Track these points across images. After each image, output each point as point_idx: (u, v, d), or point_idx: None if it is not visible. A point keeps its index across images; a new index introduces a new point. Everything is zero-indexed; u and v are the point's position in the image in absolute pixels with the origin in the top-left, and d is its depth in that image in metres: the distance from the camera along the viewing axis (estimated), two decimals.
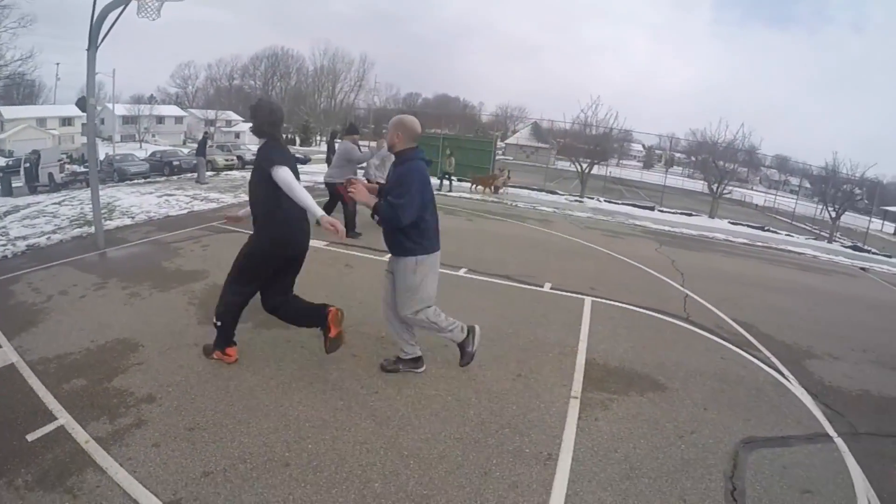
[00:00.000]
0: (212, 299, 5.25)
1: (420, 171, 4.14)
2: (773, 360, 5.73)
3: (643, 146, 69.70)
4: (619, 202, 23.13)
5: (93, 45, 8.14)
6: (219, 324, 4.48)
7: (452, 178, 20.89)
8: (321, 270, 7.30)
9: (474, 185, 20.81)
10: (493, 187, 20.68)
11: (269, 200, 4.14)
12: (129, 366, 4.53)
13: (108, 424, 3.68)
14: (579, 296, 7.16)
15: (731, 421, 4.29)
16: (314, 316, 4.47)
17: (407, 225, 4.05)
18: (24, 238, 9.60)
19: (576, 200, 21.65)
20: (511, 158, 56.79)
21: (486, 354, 5.01)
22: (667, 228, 15.78)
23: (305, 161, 34.96)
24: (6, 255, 8.39)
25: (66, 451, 3.39)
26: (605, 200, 22.73)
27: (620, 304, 6.97)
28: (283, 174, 3.97)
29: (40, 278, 7.01)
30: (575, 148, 27.39)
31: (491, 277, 7.75)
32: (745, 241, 15.43)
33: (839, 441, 4.18)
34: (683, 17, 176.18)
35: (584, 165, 26.25)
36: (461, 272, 7.89)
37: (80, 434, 3.56)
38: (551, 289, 7.44)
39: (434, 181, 18.65)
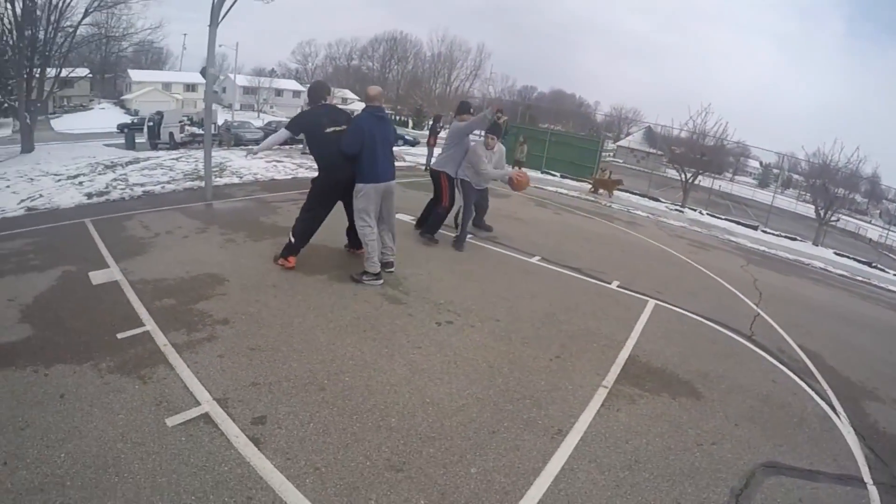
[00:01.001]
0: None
1: (361, 126, 5.86)
2: (829, 393, 5.44)
3: (760, 163, 66.24)
4: (722, 217, 22.27)
5: (214, 22, 9.13)
6: (293, 240, 6.13)
7: (524, 168, 20.09)
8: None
9: (596, 189, 20.49)
10: (611, 192, 20.51)
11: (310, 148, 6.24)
12: (213, 294, 5.38)
13: (185, 335, 4.48)
14: (644, 297, 7.28)
15: (760, 442, 4.20)
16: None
17: (350, 156, 5.83)
18: (142, 185, 10.84)
19: (676, 209, 21.19)
20: (621, 161, 55.83)
21: (533, 334, 5.41)
22: (762, 248, 15.15)
23: (414, 143, 36.05)
24: (124, 197, 9.69)
25: (146, 349, 4.22)
26: (706, 213, 21.98)
27: (683, 311, 7.01)
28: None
29: (151, 219, 8.12)
30: (685, 157, 26.64)
31: (562, 268, 8.02)
32: (845, 273, 14.58)
33: (873, 489, 3.91)
34: (812, 28, 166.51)
35: (689, 175, 25.63)
36: (534, 259, 8.23)
37: (160, 338, 4.39)
38: (618, 287, 7.59)
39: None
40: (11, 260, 6.10)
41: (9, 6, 24.02)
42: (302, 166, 15.00)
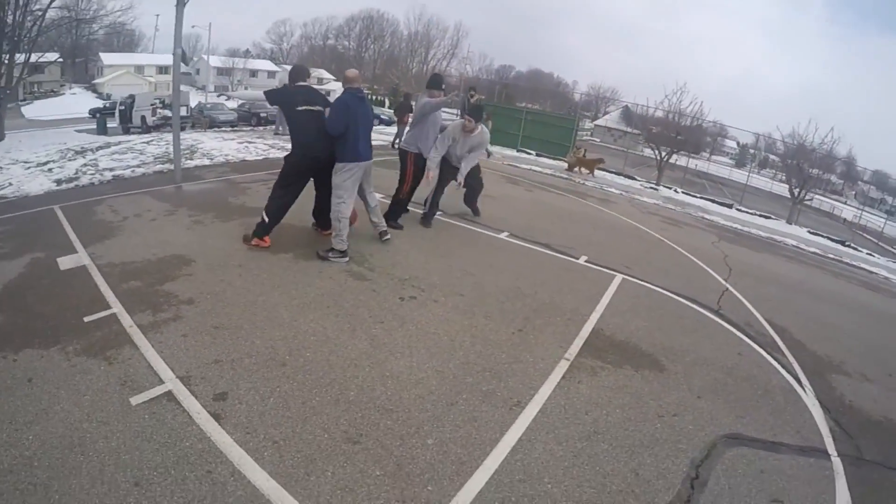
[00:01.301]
0: None
1: (344, 103, 5.99)
2: (795, 367, 5.45)
3: (738, 143, 66.61)
4: (697, 196, 22.44)
5: (181, 2, 9.06)
6: (266, 219, 6.21)
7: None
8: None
9: (578, 168, 20.50)
10: (592, 171, 20.59)
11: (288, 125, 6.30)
12: (179, 275, 5.45)
13: (150, 316, 4.56)
14: (611, 272, 7.36)
15: (722, 414, 4.24)
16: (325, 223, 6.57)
17: (335, 136, 5.96)
18: (112, 170, 10.82)
19: (650, 187, 21.36)
20: (598, 140, 55.97)
21: (497, 308, 5.52)
22: (736, 226, 15.24)
23: (390, 123, 35.92)
24: (93, 182, 9.70)
25: (112, 331, 4.31)
26: (682, 192, 22.14)
27: (651, 286, 7.09)
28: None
29: (120, 203, 8.13)
30: (661, 136, 26.78)
31: (530, 244, 8.11)
32: (818, 251, 14.66)
33: (836, 461, 3.94)
34: (796, 14, 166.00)
35: (664, 154, 25.81)
36: (502, 235, 8.32)
37: (126, 320, 4.46)
38: (586, 262, 7.67)
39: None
40: None
41: None
42: (273, 147, 14.96)
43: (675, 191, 22.06)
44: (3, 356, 3.92)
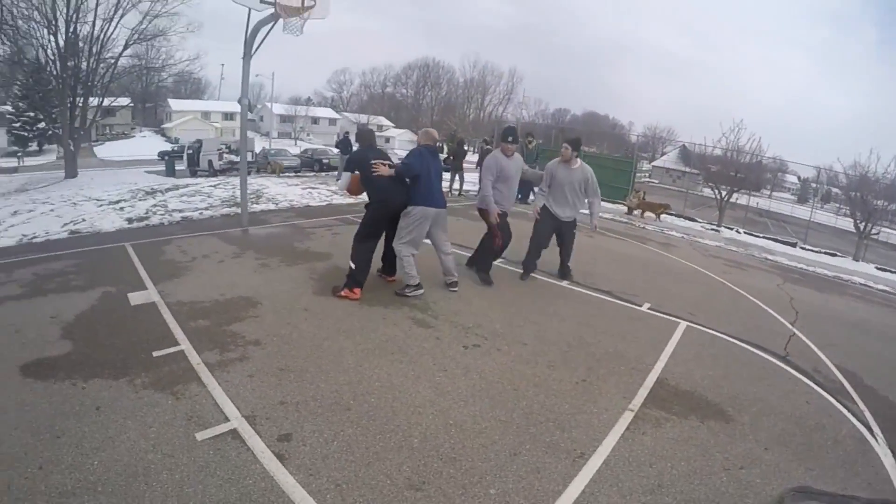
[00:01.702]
0: (330, 278, 7.10)
1: (420, 152, 6.61)
2: (866, 414, 5.21)
3: (798, 178, 64.60)
4: (760, 235, 21.74)
5: (247, 55, 9.66)
6: (353, 266, 6.43)
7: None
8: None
9: (641, 212, 20.37)
10: (658, 216, 20.41)
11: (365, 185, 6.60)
12: (246, 317, 5.69)
13: (218, 355, 4.75)
14: (675, 319, 7.25)
15: (791, 466, 4.09)
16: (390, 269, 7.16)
17: (409, 179, 6.50)
18: (181, 211, 11.37)
19: (712, 229, 20.92)
20: (657, 181, 55.41)
21: (560, 358, 5.50)
22: (800, 266, 14.77)
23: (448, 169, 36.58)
24: (163, 223, 10.23)
25: (180, 367, 4.52)
26: (744, 232, 21.51)
27: (716, 333, 6.94)
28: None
29: (189, 243, 8.58)
30: (720, 174, 26.26)
31: (592, 291, 8.07)
32: (887, 288, 14.05)
33: None
34: (844, 38, 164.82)
35: (724, 193, 25.33)
36: (564, 283, 8.31)
37: (194, 357, 4.67)
38: (649, 309, 7.59)
39: None
40: (55, 280, 6.56)
41: (52, 38, 25.45)
42: (336, 193, 15.39)
43: (737, 231, 21.49)
44: (73, 383, 4.17)
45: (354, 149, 7.11)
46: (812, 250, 19.65)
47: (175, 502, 3.01)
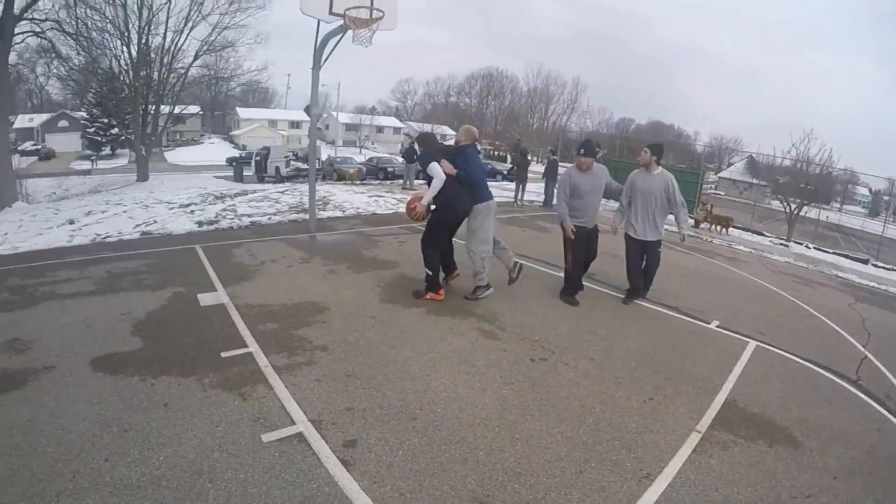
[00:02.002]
0: (397, 286, 7.22)
1: (471, 154, 6.96)
2: None
3: (870, 190, 61.68)
4: (830, 251, 20.88)
5: (316, 65, 9.92)
6: (430, 273, 6.75)
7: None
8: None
9: (710, 225, 20.07)
10: (727, 229, 19.95)
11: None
12: (314, 322, 5.81)
13: (285, 359, 4.85)
14: (743, 338, 7.04)
15: (859, 497, 3.96)
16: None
17: (475, 183, 6.80)
18: (249, 216, 11.70)
19: (780, 244, 20.22)
20: (723, 193, 53.99)
21: (627, 374, 5.41)
22: (872, 284, 14.15)
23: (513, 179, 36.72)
24: (232, 227, 10.56)
25: (248, 369, 4.63)
26: (813, 247, 20.76)
27: (785, 354, 6.72)
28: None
29: (257, 248, 8.84)
30: (789, 186, 25.37)
31: (659, 307, 7.93)
32: None
33: None
34: None
35: (794, 206, 24.44)
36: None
37: (261, 360, 4.78)
38: (717, 326, 7.40)
39: None
40: (127, 278, 6.85)
41: (125, 49, 26.87)
42: (402, 201, 15.55)
43: (807, 246, 20.72)
44: (142, 379, 4.35)
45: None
46: (885, 268, 18.80)
47: (239, 502, 3.07)
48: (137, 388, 4.21)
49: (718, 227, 19.71)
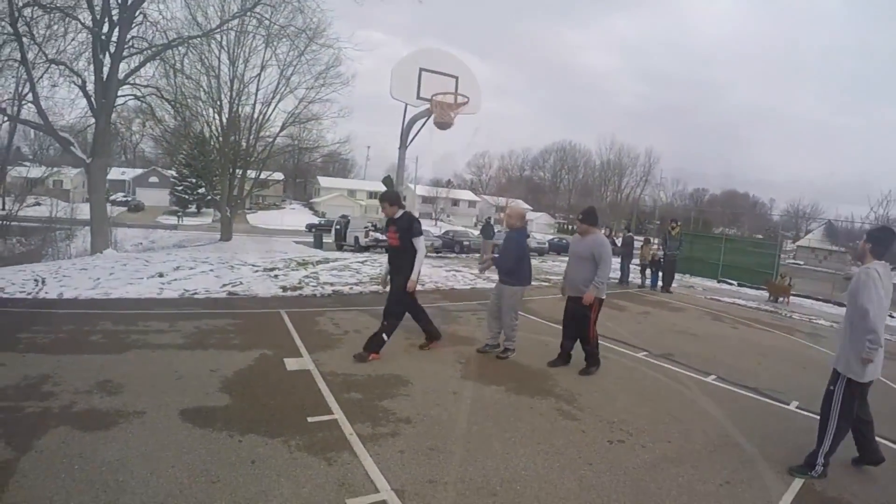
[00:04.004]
0: (477, 362, 7.46)
1: (518, 238, 7.80)
2: None
3: None
4: None
5: (403, 145, 10.52)
6: (387, 338, 7.23)
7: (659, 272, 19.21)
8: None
9: (776, 297, 19.44)
10: (787, 297, 19.37)
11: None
12: (397, 394, 6.04)
13: (370, 428, 5.06)
14: None
15: None
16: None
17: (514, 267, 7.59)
18: (332, 284, 12.21)
19: None
20: (802, 263, 52.08)
21: (704, 458, 5.36)
22: None
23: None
24: (315, 294, 11.06)
25: (333, 435, 4.85)
26: None
27: None
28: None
29: (340, 317, 9.27)
30: None
31: (737, 388, 7.82)
32: None
33: None
34: None
35: None
36: (709, 378, 8.07)
37: (347, 428, 5.00)
38: (797, 408, 7.24)
39: None
40: (215, 336, 7.31)
41: (216, 116, 29.33)
42: (479, 277, 15.82)
43: (891, 315, 19.44)
44: (230, 435, 4.63)
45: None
46: None
47: None
48: (226, 442, 4.48)
49: (787, 300, 19.23)
